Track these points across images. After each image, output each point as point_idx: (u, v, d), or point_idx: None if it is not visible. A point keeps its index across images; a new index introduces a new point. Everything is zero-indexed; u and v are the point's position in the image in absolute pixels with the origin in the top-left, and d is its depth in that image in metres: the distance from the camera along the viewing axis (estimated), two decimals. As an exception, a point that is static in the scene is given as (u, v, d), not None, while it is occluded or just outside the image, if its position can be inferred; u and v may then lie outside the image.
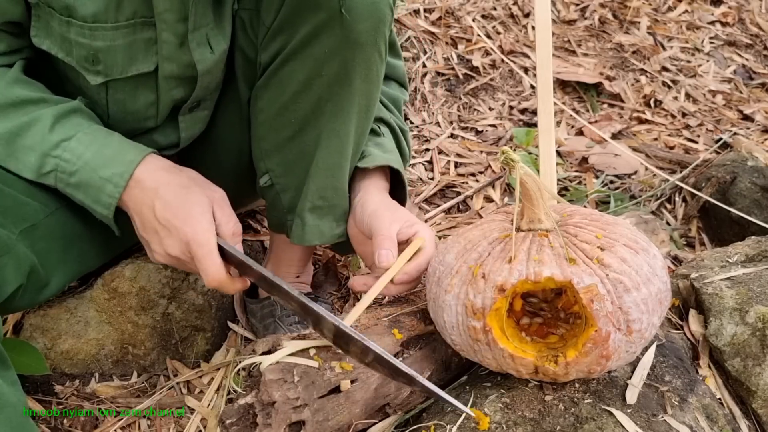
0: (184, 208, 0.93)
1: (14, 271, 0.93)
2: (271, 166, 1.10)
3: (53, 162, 0.94)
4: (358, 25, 0.93)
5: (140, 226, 0.97)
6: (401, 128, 1.19)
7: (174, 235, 0.93)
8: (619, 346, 0.85)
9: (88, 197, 0.96)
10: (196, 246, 0.92)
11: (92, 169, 0.94)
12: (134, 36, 0.96)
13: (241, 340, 1.31)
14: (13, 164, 0.96)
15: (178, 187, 0.95)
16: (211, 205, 0.96)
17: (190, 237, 0.92)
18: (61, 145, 0.94)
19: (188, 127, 1.14)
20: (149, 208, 0.95)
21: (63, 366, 1.22)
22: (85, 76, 0.98)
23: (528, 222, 0.92)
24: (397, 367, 0.87)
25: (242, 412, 0.93)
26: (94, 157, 0.94)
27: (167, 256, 0.96)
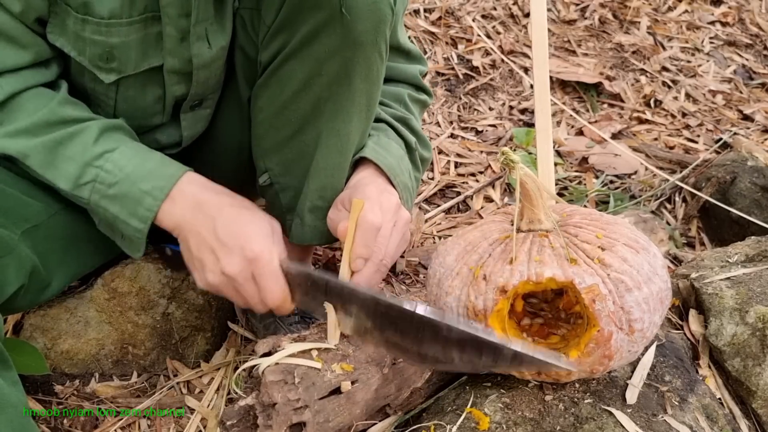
0: (248, 228, 0.92)
1: (16, 271, 0.93)
2: (270, 166, 1.10)
3: (93, 172, 0.94)
4: (359, 24, 0.93)
5: (194, 248, 0.95)
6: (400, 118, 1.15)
7: (236, 253, 0.91)
8: (622, 345, 0.85)
9: (124, 209, 0.95)
10: (263, 263, 0.90)
11: (132, 182, 0.94)
12: (145, 31, 0.96)
13: (241, 340, 1.31)
14: (50, 173, 0.95)
15: (239, 208, 0.95)
16: (272, 231, 0.95)
17: (257, 253, 0.90)
18: (104, 156, 0.94)
19: (190, 125, 1.14)
20: (209, 227, 0.93)
21: (63, 366, 1.22)
22: (98, 74, 0.98)
23: (528, 222, 0.92)
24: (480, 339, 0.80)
25: (243, 414, 0.93)
26: (136, 169, 0.94)
27: (222, 277, 0.92)
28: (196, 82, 1.04)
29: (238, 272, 0.91)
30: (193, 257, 0.95)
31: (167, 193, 0.94)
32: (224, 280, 0.93)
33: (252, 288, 0.92)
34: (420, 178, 1.22)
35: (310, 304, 0.94)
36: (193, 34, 0.98)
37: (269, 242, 0.92)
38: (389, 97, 1.18)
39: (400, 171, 1.09)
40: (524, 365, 0.80)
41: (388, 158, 1.08)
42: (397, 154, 1.11)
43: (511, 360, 0.78)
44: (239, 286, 0.93)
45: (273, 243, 0.93)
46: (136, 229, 0.96)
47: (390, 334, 0.85)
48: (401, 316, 0.83)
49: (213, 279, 0.93)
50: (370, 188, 1.01)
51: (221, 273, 0.92)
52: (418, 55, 1.26)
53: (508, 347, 0.78)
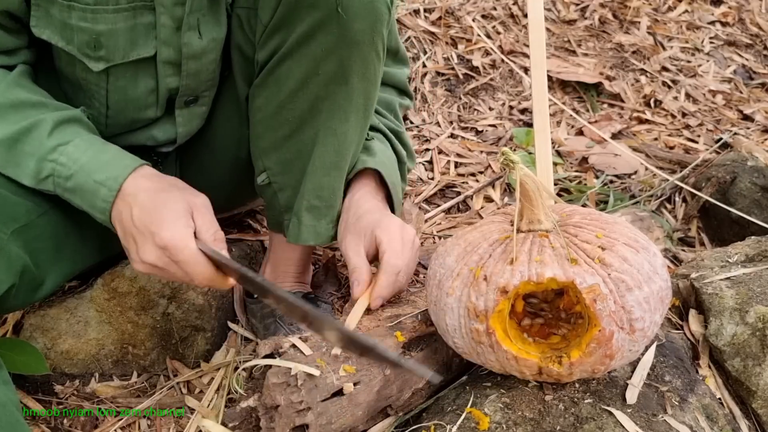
0: (160, 213, 0.91)
1: (5, 271, 0.93)
2: (268, 165, 1.10)
3: (50, 167, 0.94)
4: (355, 23, 0.93)
5: (121, 237, 0.95)
6: (394, 130, 1.19)
7: (149, 241, 0.90)
8: (623, 345, 0.85)
9: (84, 202, 0.95)
10: (176, 251, 0.89)
11: (87, 173, 0.93)
12: (134, 20, 0.96)
13: (241, 340, 1.31)
14: (12, 171, 0.95)
15: (155, 192, 0.93)
16: (189, 210, 0.93)
17: (167, 241, 0.89)
18: (57, 149, 0.94)
19: (185, 122, 1.14)
20: (128, 215, 0.93)
21: (63, 366, 1.22)
22: (87, 63, 0.98)
23: (528, 223, 0.92)
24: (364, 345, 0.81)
25: (245, 415, 0.93)
26: (90, 161, 0.94)
27: (144, 265, 0.93)
28: (186, 72, 1.04)
29: (155, 259, 0.91)
30: (122, 244, 0.96)
31: (121, 184, 0.93)
32: (148, 267, 0.93)
33: (177, 271, 0.92)
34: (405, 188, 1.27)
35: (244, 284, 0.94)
36: (186, 23, 0.98)
37: (181, 225, 0.90)
38: (382, 105, 1.20)
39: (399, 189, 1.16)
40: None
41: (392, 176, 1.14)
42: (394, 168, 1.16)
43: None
44: (163, 272, 0.93)
45: (186, 225, 0.91)
46: (100, 219, 0.96)
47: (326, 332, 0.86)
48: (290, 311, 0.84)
49: (138, 267, 0.94)
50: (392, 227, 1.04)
51: (141, 261, 0.93)
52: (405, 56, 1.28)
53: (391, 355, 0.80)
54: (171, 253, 0.90)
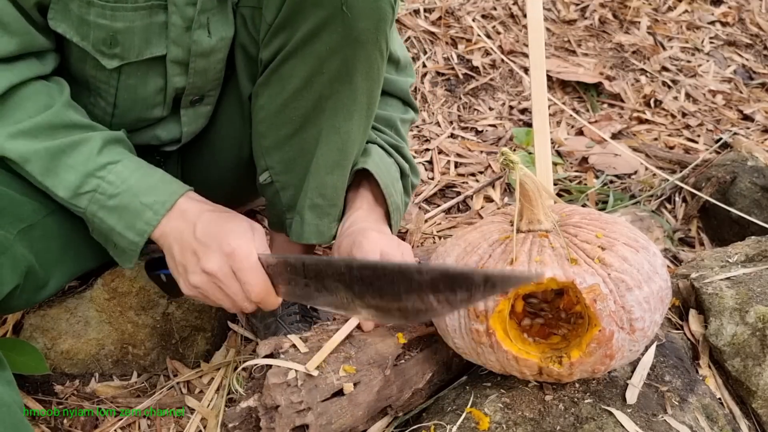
0: (226, 225, 0.93)
1: (11, 271, 0.93)
2: (271, 164, 1.10)
3: (95, 183, 0.94)
4: (360, 23, 0.93)
5: (178, 254, 0.95)
6: (394, 145, 1.20)
7: (214, 249, 0.92)
8: (623, 345, 0.85)
9: (121, 221, 0.95)
10: (241, 257, 0.90)
11: (134, 194, 0.94)
12: (150, 19, 0.96)
13: (241, 340, 1.31)
14: (50, 180, 0.95)
15: (218, 212, 0.96)
16: (252, 229, 0.95)
17: (234, 247, 0.90)
18: (107, 167, 0.94)
19: (190, 121, 1.14)
20: (190, 231, 0.94)
21: (63, 366, 1.22)
22: (100, 60, 0.98)
23: (527, 223, 0.92)
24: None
25: (245, 416, 0.93)
26: (138, 182, 0.95)
27: (203, 276, 0.93)
28: (193, 71, 1.04)
29: (218, 268, 0.91)
30: (177, 263, 0.96)
31: (168, 209, 0.95)
32: (206, 279, 0.93)
33: (234, 284, 0.92)
34: (408, 202, 1.26)
35: (295, 293, 0.94)
36: (196, 21, 0.98)
37: (246, 237, 0.92)
38: (381, 122, 1.20)
39: (393, 190, 1.14)
40: (498, 287, 0.77)
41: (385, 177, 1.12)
42: (394, 176, 1.15)
43: (484, 285, 0.75)
44: (221, 284, 0.93)
45: (251, 239, 0.93)
46: (131, 242, 0.96)
47: (370, 298, 0.84)
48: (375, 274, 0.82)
49: (195, 279, 0.94)
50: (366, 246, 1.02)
51: (202, 272, 0.93)
52: (408, 64, 1.27)
53: (478, 273, 0.76)
54: (236, 260, 0.91)
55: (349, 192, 1.14)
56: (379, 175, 1.11)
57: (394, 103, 1.25)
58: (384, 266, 0.81)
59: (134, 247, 0.97)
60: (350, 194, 1.15)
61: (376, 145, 1.16)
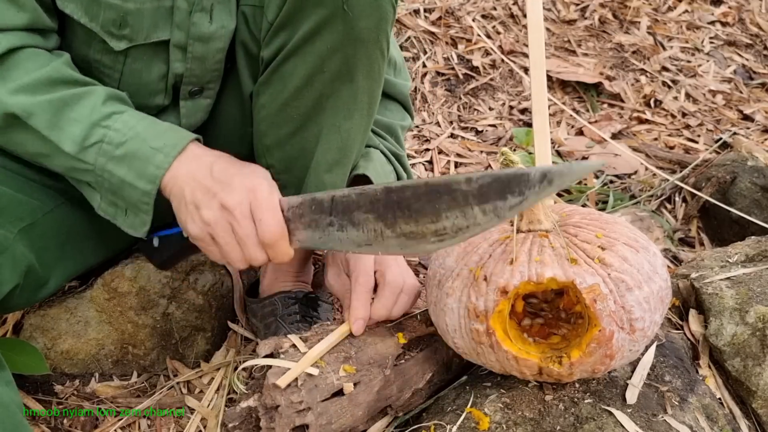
0: (245, 168, 0.93)
1: (10, 270, 0.93)
2: (271, 162, 1.10)
3: (101, 132, 0.92)
4: (361, 21, 0.93)
5: (189, 194, 0.92)
6: (395, 153, 1.20)
7: (236, 185, 0.90)
8: (623, 345, 0.85)
9: (132, 170, 0.93)
10: (263, 193, 0.89)
11: (143, 140, 0.93)
12: (159, 2, 0.96)
13: (241, 340, 1.31)
14: (55, 134, 0.93)
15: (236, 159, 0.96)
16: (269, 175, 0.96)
17: (256, 184, 0.90)
18: (112, 116, 0.93)
19: (189, 114, 1.14)
20: (205, 171, 0.92)
21: (63, 366, 1.22)
22: (109, 41, 0.98)
23: (527, 223, 0.92)
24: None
25: (245, 416, 0.93)
26: (146, 129, 0.94)
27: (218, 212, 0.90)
28: (191, 55, 1.03)
29: (237, 203, 0.89)
30: (187, 203, 0.93)
31: (180, 150, 0.93)
32: (220, 216, 0.90)
33: (248, 224, 0.90)
34: None
35: (314, 237, 0.91)
36: (198, 4, 0.98)
37: (269, 180, 0.93)
38: (383, 128, 1.20)
39: None
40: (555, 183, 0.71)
41: None
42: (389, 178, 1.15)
43: (540, 182, 0.71)
44: (235, 222, 0.90)
45: (273, 182, 0.93)
46: (143, 192, 0.94)
47: (403, 224, 0.81)
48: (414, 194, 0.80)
49: (208, 215, 0.90)
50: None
51: (219, 206, 0.90)
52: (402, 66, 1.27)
53: (535, 170, 0.71)
54: (257, 196, 0.89)
55: None
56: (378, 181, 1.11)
57: (394, 108, 1.25)
58: (426, 182, 0.79)
59: (147, 199, 0.94)
60: None
61: (378, 151, 1.16)
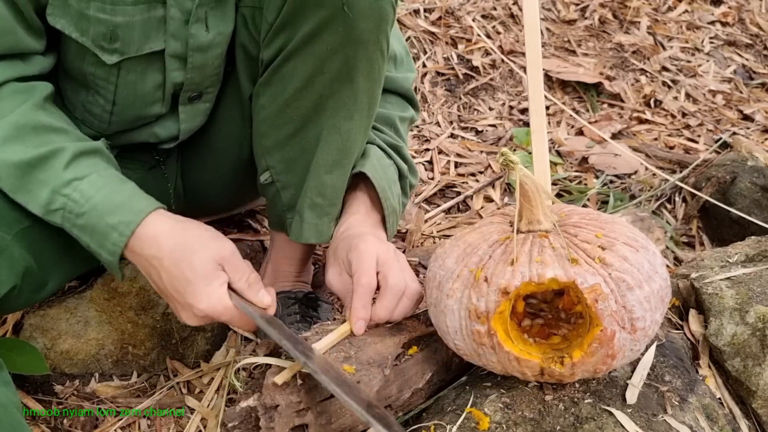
0: (191, 283, 0.93)
1: (8, 272, 0.93)
2: (272, 163, 1.10)
3: (62, 201, 0.93)
4: (361, 22, 0.93)
5: (156, 288, 1.00)
6: (393, 145, 1.18)
7: (188, 310, 0.95)
8: (624, 344, 0.85)
9: (93, 241, 0.95)
10: (217, 315, 0.94)
11: (99, 214, 0.93)
12: (149, 13, 0.96)
13: (241, 340, 1.31)
14: (22, 197, 0.94)
15: (180, 254, 0.94)
16: (219, 265, 0.95)
17: (206, 310, 0.94)
18: (72, 183, 0.93)
19: (188, 118, 1.14)
20: (157, 277, 0.96)
21: (63, 366, 1.22)
22: (100, 56, 0.97)
23: (527, 223, 0.92)
24: None
25: (244, 416, 0.93)
26: (103, 201, 0.93)
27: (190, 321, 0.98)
28: (191, 65, 1.03)
29: (199, 322, 0.97)
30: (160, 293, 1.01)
31: (133, 230, 0.94)
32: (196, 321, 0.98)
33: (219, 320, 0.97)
34: (406, 204, 1.25)
35: None
36: (194, 15, 0.98)
37: (215, 289, 0.93)
38: (380, 121, 1.19)
39: (390, 194, 1.13)
40: None
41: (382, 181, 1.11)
42: (392, 178, 1.15)
43: None
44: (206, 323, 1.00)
45: (220, 285, 0.94)
46: (107, 260, 0.96)
47: None
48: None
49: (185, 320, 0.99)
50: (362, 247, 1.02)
51: (187, 318, 0.98)
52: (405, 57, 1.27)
53: None
54: (212, 318, 0.95)
55: (347, 194, 1.14)
56: (376, 178, 1.10)
57: (393, 100, 1.24)
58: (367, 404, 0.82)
59: (112, 266, 0.97)
60: (347, 197, 1.14)
61: (375, 146, 1.16)
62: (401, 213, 1.20)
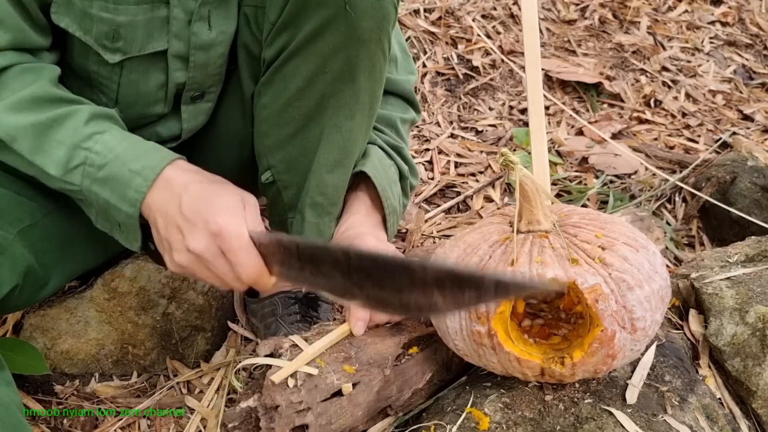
0: (214, 201, 0.87)
1: (10, 271, 0.93)
2: (273, 163, 1.10)
3: (83, 155, 0.91)
4: (363, 22, 0.93)
5: (162, 228, 0.90)
6: (394, 146, 1.19)
7: (201, 228, 0.86)
8: (624, 344, 0.85)
9: (114, 193, 0.92)
10: (229, 237, 0.84)
11: (123, 162, 0.91)
12: (152, 13, 0.96)
13: (241, 340, 1.31)
14: (39, 158, 0.92)
15: (208, 183, 0.91)
16: (243, 203, 0.90)
17: (222, 226, 0.84)
18: (93, 137, 0.92)
19: (190, 118, 1.14)
20: (175, 205, 0.88)
21: (63, 366, 1.22)
22: (103, 54, 0.97)
23: (527, 223, 0.92)
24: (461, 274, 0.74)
25: (244, 416, 0.93)
26: (126, 150, 0.92)
27: (189, 255, 0.87)
28: (193, 64, 1.03)
29: (204, 248, 0.86)
30: (162, 238, 0.91)
31: (158, 173, 0.91)
32: (192, 259, 0.88)
33: (223, 264, 0.87)
34: (407, 204, 1.24)
35: (290, 275, 0.88)
36: (196, 13, 0.98)
37: (236, 214, 0.87)
38: (381, 122, 1.20)
39: (391, 194, 1.13)
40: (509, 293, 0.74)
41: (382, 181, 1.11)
42: (393, 179, 1.15)
43: (496, 290, 0.71)
44: (209, 264, 0.87)
45: (240, 214, 0.87)
46: (127, 214, 0.92)
47: (369, 290, 0.79)
48: (374, 266, 0.77)
49: (181, 258, 0.89)
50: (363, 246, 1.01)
51: (187, 251, 0.87)
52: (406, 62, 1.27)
53: (489, 277, 0.72)
54: (223, 240, 0.85)
55: (348, 194, 1.14)
56: (377, 178, 1.11)
57: (395, 101, 1.25)
58: (384, 259, 0.76)
59: (132, 220, 0.93)
60: (348, 196, 1.14)
61: (376, 146, 1.16)
62: (401, 213, 1.20)
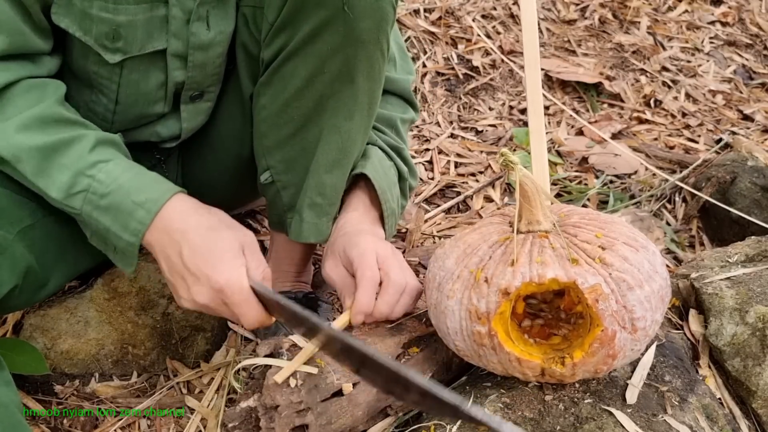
0: (214, 254, 0.91)
1: (9, 271, 0.93)
2: (272, 163, 1.11)
3: (86, 182, 0.92)
4: (361, 22, 0.93)
5: (167, 271, 0.95)
6: (394, 147, 1.19)
7: (204, 283, 0.90)
8: (625, 344, 0.86)
9: (116, 222, 0.93)
10: (231, 293, 0.89)
11: (126, 193, 0.92)
12: (151, 12, 0.96)
13: (241, 340, 1.31)
14: (43, 181, 0.93)
15: (206, 230, 0.93)
16: (242, 248, 0.93)
17: (223, 284, 0.89)
18: (97, 165, 0.93)
19: (190, 117, 1.14)
20: (176, 252, 0.92)
21: (63, 366, 1.22)
22: (103, 54, 0.98)
23: (527, 224, 0.92)
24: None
25: (244, 416, 0.93)
26: (129, 181, 0.93)
27: (195, 304, 0.93)
28: (192, 63, 1.03)
29: (208, 300, 0.91)
30: (167, 279, 0.96)
31: (161, 206, 0.93)
32: (199, 306, 0.93)
33: (227, 312, 0.92)
34: (405, 205, 1.24)
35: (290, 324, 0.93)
36: (195, 13, 0.98)
37: (236, 266, 0.90)
38: (382, 122, 1.20)
39: (390, 196, 1.13)
40: None
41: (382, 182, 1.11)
42: (392, 180, 1.15)
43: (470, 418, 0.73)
44: (214, 311, 0.93)
45: (241, 265, 0.91)
46: (128, 243, 0.95)
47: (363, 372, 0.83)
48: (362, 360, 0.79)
49: (187, 305, 0.94)
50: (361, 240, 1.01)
51: (194, 301, 0.92)
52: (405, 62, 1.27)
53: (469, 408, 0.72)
54: (226, 295, 0.90)
55: (346, 193, 1.14)
56: (376, 179, 1.11)
57: (394, 101, 1.25)
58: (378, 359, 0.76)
59: (132, 248, 0.95)
60: (347, 195, 1.14)
61: (377, 147, 1.16)
62: (400, 215, 1.21)
